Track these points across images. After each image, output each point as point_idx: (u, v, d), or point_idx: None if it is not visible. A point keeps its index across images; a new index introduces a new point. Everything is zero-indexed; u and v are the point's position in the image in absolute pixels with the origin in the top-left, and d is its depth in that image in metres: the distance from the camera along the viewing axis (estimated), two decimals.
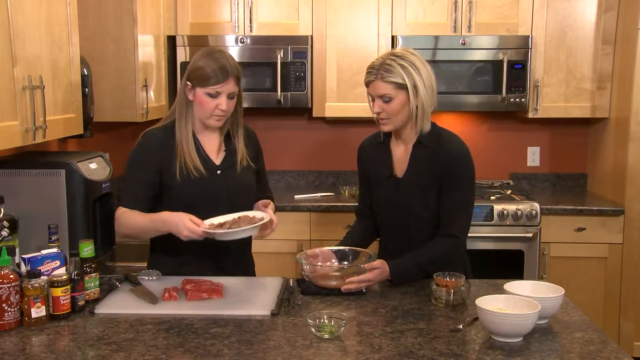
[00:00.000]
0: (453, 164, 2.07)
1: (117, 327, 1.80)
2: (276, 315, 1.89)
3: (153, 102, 3.46)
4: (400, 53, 2.07)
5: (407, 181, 2.13)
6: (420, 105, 2.06)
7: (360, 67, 3.76)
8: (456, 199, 2.09)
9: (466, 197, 2.10)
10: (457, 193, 2.09)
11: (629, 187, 3.51)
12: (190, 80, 2.05)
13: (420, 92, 2.04)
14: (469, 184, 2.10)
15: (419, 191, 2.12)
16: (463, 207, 2.10)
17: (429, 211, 2.13)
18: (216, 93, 2.03)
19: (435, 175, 2.09)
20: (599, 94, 3.74)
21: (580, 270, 3.59)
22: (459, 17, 3.71)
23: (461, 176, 2.09)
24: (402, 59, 2.03)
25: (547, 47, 3.72)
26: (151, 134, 2.13)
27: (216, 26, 3.78)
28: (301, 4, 3.75)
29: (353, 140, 4.14)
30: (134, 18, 3.13)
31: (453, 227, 2.10)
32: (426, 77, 2.06)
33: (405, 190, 2.14)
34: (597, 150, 3.96)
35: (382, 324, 1.85)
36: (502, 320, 1.69)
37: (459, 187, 2.09)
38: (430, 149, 2.10)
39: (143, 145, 2.12)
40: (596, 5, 3.67)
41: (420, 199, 2.12)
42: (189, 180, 2.07)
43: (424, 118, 2.09)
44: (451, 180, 2.07)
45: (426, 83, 2.05)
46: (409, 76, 2.03)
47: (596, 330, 1.81)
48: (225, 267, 2.24)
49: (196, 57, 2.07)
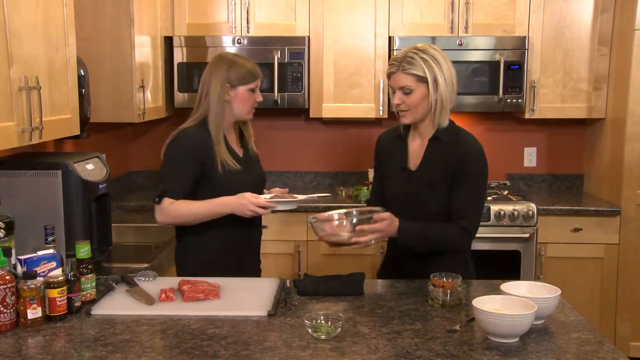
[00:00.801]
0: (466, 160, 2.10)
1: (113, 328, 1.80)
2: (273, 316, 1.89)
3: (150, 103, 3.46)
4: (423, 47, 2.09)
5: (419, 174, 2.15)
6: (440, 100, 2.08)
7: (357, 68, 3.78)
8: (467, 195, 2.10)
9: (477, 194, 2.13)
10: (468, 189, 2.10)
11: (625, 188, 3.52)
12: (231, 82, 2.28)
13: (440, 87, 2.07)
14: (480, 181, 2.13)
15: (430, 185, 2.13)
16: (474, 203, 2.12)
17: (439, 205, 2.13)
18: (255, 87, 2.33)
19: (448, 170, 2.11)
20: (595, 95, 3.75)
21: (577, 270, 3.60)
22: (456, 17, 3.71)
23: (473, 173, 2.11)
24: (425, 53, 2.06)
25: (543, 47, 3.73)
26: (191, 132, 2.30)
27: (213, 27, 3.78)
28: (298, 4, 3.75)
29: (350, 141, 4.16)
30: (131, 19, 3.12)
31: (464, 221, 2.12)
32: (447, 72, 2.08)
33: (417, 184, 2.15)
34: (593, 150, 3.97)
35: (379, 324, 1.85)
36: (498, 320, 1.69)
37: (470, 184, 2.10)
38: (446, 145, 2.12)
39: (185, 143, 2.29)
40: (592, 6, 3.68)
41: (431, 193, 2.13)
42: (228, 172, 2.28)
43: (442, 112, 2.11)
44: (463, 176, 2.09)
45: (447, 78, 2.07)
46: (430, 69, 2.05)
47: (592, 330, 1.82)
48: (245, 264, 2.43)
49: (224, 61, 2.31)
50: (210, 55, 3.75)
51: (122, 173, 4.05)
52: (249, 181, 2.34)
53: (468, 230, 2.12)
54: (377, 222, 2.04)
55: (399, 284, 2.26)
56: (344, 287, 2.11)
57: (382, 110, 3.78)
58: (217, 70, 2.30)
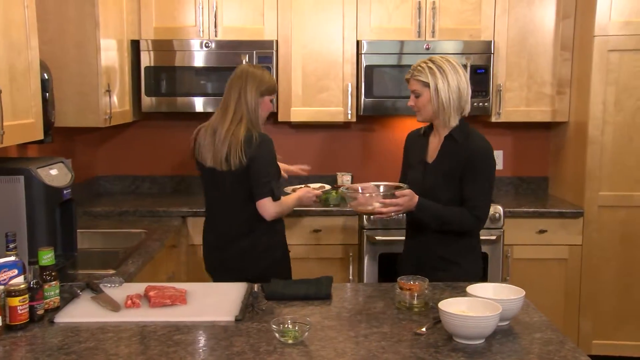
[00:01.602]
0: (474, 157, 2.36)
1: (77, 336, 1.77)
2: (240, 321, 1.89)
3: (116, 108, 3.42)
4: (434, 58, 2.39)
5: (434, 167, 2.43)
6: (441, 104, 2.35)
7: (326, 72, 3.79)
8: (477, 187, 2.36)
9: (485, 186, 2.38)
10: (478, 182, 2.36)
11: (588, 190, 3.59)
12: (263, 92, 2.66)
13: (441, 92, 2.34)
14: (488, 176, 2.39)
15: (442, 176, 2.39)
16: (483, 194, 2.38)
17: (448, 194, 2.38)
18: (274, 98, 2.77)
19: (458, 164, 2.37)
20: (558, 99, 3.82)
21: (542, 271, 3.66)
22: (423, 22, 3.75)
23: (481, 168, 2.36)
24: (432, 63, 2.36)
25: (508, 52, 3.79)
26: (266, 135, 2.66)
27: (181, 30, 3.75)
28: (266, 8, 3.74)
29: (318, 144, 4.16)
30: (96, 22, 3.08)
31: (475, 209, 2.36)
32: (452, 81, 2.34)
33: (432, 175, 2.43)
34: (557, 153, 4.05)
35: (346, 328, 1.86)
36: (463, 322, 1.71)
37: (480, 178, 2.36)
38: (458, 143, 2.38)
39: (272, 144, 2.68)
40: (554, 13, 3.75)
41: (442, 183, 2.39)
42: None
43: (446, 116, 2.37)
44: (473, 171, 2.35)
45: (451, 86, 2.34)
46: (433, 77, 2.34)
47: (555, 330, 1.85)
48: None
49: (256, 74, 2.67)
50: (178, 58, 3.72)
51: (89, 178, 4.00)
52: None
53: (478, 217, 2.37)
54: (398, 198, 2.31)
55: (366, 287, 2.27)
56: (312, 291, 2.11)
57: (350, 114, 3.79)
58: (251, 80, 2.64)
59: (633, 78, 3.51)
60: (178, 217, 3.54)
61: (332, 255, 3.62)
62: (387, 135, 4.19)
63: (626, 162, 3.56)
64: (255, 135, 2.59)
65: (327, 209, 3.60)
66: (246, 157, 2.56)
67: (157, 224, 3.34)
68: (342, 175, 4.00)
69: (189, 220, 3.59)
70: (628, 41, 3.49)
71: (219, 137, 2.61)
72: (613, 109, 3.54)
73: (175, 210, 3.58)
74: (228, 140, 2.58)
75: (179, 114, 4.02)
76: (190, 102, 3.77)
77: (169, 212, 3.56)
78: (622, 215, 3.59)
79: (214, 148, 2.62)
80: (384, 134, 4.19)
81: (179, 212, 3.58)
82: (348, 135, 4.19)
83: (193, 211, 3.58)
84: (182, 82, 3.76)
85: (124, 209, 3.58)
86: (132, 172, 4.19)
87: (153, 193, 4.17)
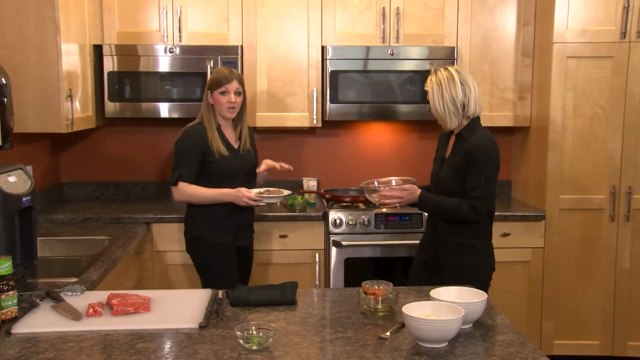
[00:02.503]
0: (472, 151, 2.64)
1: (36, 346, 1.73)
2: (204, 327, 1.87)
3: (79, 113, 3.37)
4: (439, 71, 2.74)
5: (447, 161, 2.77)
6: (436, 111, 2.74)
7: (291, 77, 3.80)
8: (475, 180, 2.62)
9: (484, 179, 2.63)
10: (474, 175, 2.63)
11: (549, 194, 3.66)
12: (209, 88, 2.98)
13: (435, 102, 2.72)
14: (486, 170, 2.64)
15: (452, 169, 2.70)
16: (480, 186, 2.63)
17: (455, 185, 2.68)
18: (226, 90, 2.95)
19: (463, 159, 2.66)
20: (520, 104, 3.89)
21: (507, 274, 3.71)
22: (387, 28, 3.78)
23: (477, 162, 2.63)
24: (434, 75, 2.74)
25: (471, 58, 3.85)
26: (193, 128, 2.99)
27: (144, 35, 3.72)
28: (231, 13, 3.74)
29: (284, 149, 4.16)
30: (57, 26, 3.03)
31: (473, 200, 2.62)
32: (446, 91, 2.68)
33: (445, 167, 2.76)
34: (520, 158, 4.12)
35: (311, 333, 1.86)
36: (426, 326, 1.73)
37: (478, 171, 2.62)
38: (464, 140, 2.69)
39: (190, 136, 2.97)
40: (515, 20, 3.83)
41: (452, 176, 2.70)
42: (222, 158, 2.95)
43: (443, 119, 2.73)
44: (471, 165, 2.63)
45: (445, 95, 2.69)
46: (430, 87, 2.74)
47: (516, 332, 1.88)
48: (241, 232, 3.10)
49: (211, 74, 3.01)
50: (143, 64, 3.69)
51: (51, 185, 3.93)
52: (240, 168, 3.03)
53: (474, 207, 2.62)
54: (400, 191, 2.71)
55: (332, 292, 2.27)
56: (277, 297, 2.11)
57: (315, 119, 3.80)
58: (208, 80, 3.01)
59: (590, 84, 3.60)
60: (143, 224, 3.50)
61: (299, 260, 3.62)
62: (353, 140, 4.21)
63: (585, 166, 3.65)
64: (182, 128, 3.01)
65: (293, 214, 3.60)
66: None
67: (121, 230, 3.30)
68: (307, 180, 4.00)
69: (154, 226, 3.55)
70: (585, 48, 3.58)
71: None
72: (572, 114, 3.62)
73: (140, 216, 3.54)
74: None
75: (143, 120, 3.98)
76: (155, 107, 3.73)
77: (133, 219, 3.52)
78: (582, 218, 3.67)
79: None
80: (350, 139, 4.21)
81: (144, 218, 3.54)
82: (314, 141, 4.20)
83: (158, 217, 3.55)
84: (147, 88, 3.72)
85: (87, 215, 3.53)
86: (96, 179, 4.13)
87: (117, 199, 4.12)
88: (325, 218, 3.57)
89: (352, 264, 3.55)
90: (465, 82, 2.71)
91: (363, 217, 3.54)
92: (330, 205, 3.71)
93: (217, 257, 3.01)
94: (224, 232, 3.02)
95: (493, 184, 2.68)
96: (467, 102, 2.70)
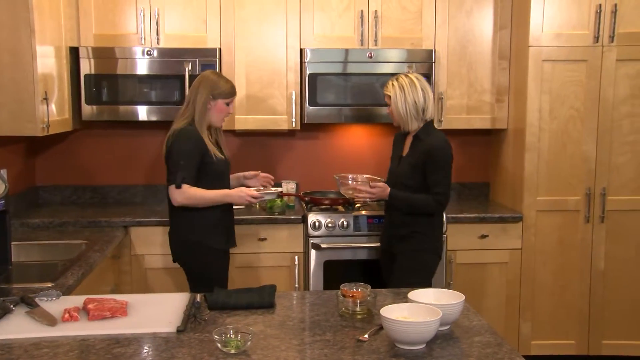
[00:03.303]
0: (432, 151, 2.94)
1: (9, 353, 1.71)
2: (182, 331, 1.86)
3: (55, 116, 3.33)
4: (400, 76, 3.02)
5: (405, 159, 3.06)
6: (399, 114, 3.00)
7: (270, 80, 3.79)
8: (436, 177, 2.95)
9: (444, 175, 2.96)
10: (436, 172, 2.95)
11: (526, 195, 3.70)
12: (214, 95, 2.94)
13: (399, 105, 2.98)
14: (444, 166, 2.97)
15: (410, 166, 3.01)
16: (442, 182, 2.95)
17: (411, 180, 3.00)
18: (231, 102, 3.02)
19: (420, 157, 2.97)
20: (497, 107, 3.93)
21: (485, 275, 3.75)
22: (366, 30, 3.80)
23: (438, 160, 2.95)
24: (396, 80, 3.01)
25: (449, 60, 3.87)
26: (190, 130, 2.91)
27: (122, 38, 3.69)
28: (209, 16, 3.72)
29: (263, 152, 4.15)
30: (32, 28, 3.00)
31: (437, 194, 2.94)
32: (409, 95, 2.96)
33: (403, 165, 3.06)
34: (497, 160, 4.16)
35: (289, 336, 1.86)
36: (404, 328, 1.74)
37: (438, 169, 2.95)
38: (421, 141, 2.99)
39: (190, 138, 2.90)
40: (492, 23, 3.87)
41: (409, 172, 3.01)
42: (217, 161, 2.95)
43: (405, 121, 3.01)
44: (432, 164, 2.94)
45: (407, 100, 2.97)
46: (393, 91, 2.99)
47: (493, 333, 1.90)
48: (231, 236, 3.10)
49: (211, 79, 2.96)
50: (120, 66, 3.66)
51: (27, 188, 3.88)
52: (227, 169, 3.08)
53: (440, 201, 2.96)
54: (372, 188, 3.01)
55: (310, 295, 2.27)
56: (255, 300, 2.10)
57: (294, 122, 3.80)
58: (204, 83, 2.94)
59: (565, 87, 3.65)
60: (121, 228, 3.48)
61: (278, 263, 3.62)
62: (331, 142, 4.22)
63: (561, 167, 3.69)
64: (176, 130, 2.91)
65: (272, 217, 3.59)
66: (166, 148, 2.91)
67: (98, 234, 3.27)
68: (286, 183, 4.00)
69: (132, 230, 3.53)
70: (559, 52, 3.62)
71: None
72: (548, 116, 3.66)
73: (117, 220, 3.51)
74: (168, 134, 2.94)
75: (121, 123, 3.95)
76: (133, 110, 3.71)
77: (111, 223, 3.49)
78: (558, 219, 3.72)
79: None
80: (328, 142, 4.22)
81: (122, 222, 3.51)
82: (292, 143, 4.20)
83: (136, 221, 3.52)
84: (124, 90, 3.69)
85: (63, 219, 3.49)
86: (73, 182, 4.09)
87: (95, 203, 4.08)
88: (305, 221, 3.57)
89: (331, 266, 3.56)
90: (425, 89, 2.99)
91: (342, 220, 3.55)
92: (309, 208, 3.71)
93: (215, 261, 2.97)
94: (219, 236, 2.99)
95: (450, 180, 3.00)
96: (426, 107, 2.98)
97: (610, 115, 3.66)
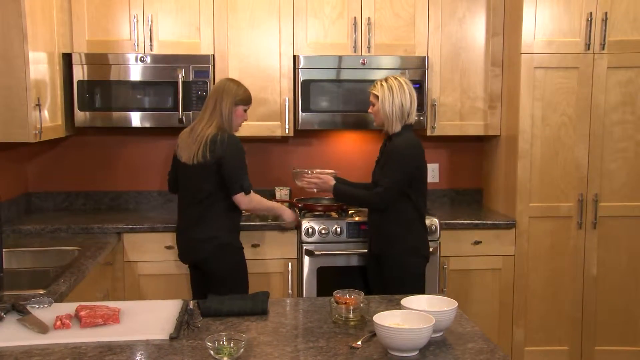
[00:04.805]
0: (391, 150, 3.03)
1: None
2: (175, 339, 1.86)
3: (48, 122, 3.32)
4: (389, 77, 3.07)
5: (379, 160, 3.18)
6: (386, 114, 3.03)
7: (263, 86, 3.80)
8: (385, 171, 3.01)
9: (392, 170, 3.00)
10: (386, 168, 3.01)
11: (519, 202, 3.72)
12: (239, 102, 3.10)
13: (386, 106, 3.02)
14: (396, 164, 3.00)
15: (380, 168, 3.10)
16: (388, 176, 2.99)
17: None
18: (247, 108, 3.18)
19: (386, 158, 3.06)
20: (490, 113, 3.95)
21: (478, 282, 3.75)
22: (359, 37, 3.81)
23: (393, 158, 3.01)
24: (385, 81, 3.04)
25: (442, 67, 3.89)
26: (237, 137, 3.07)
27: (115, 44, 3.69)
28: (203, 22, 3.73)
29: (256, 158, 4.14)
30: (24, 34, 2.99)
31: (379, 189, 3.01)
32: (397, 97, 3.01)
33: (376, 167, 3.17)
34: (490, 166, 4.17)
35: (282, 343, 1.85)
36: (397, 335, 1.74)
37: (389, 164, 3.01)
38: (392, 142, 3.05)
39: (240, 144, 3.06)
40: (484, 30, 3.89)
41: (379, 174, 3.08)
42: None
43: (390, 123, 3.05)
44: (387, 161, 3.03)
45: (395, 101, 3.01)
46: (382, 91, 3.03)
47: (486, 340, 1.90)
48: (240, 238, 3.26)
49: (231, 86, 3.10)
50: (114, 72, 3.65)
51: (19, 195, 3.86)
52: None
53: (378, 193, 3.01)
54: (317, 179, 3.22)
55: (303, 302, 2.27)
56: (248, 307, 2.10)
57: (287, 128, 3.81)
58: (227, 91, 3.07)
59: (556, 94, 3.67)
60: (113, 234, 3.47)
61: (271, 269, 3.62)
62: (325, 149, 4.22)
63: (553, 174, 3.71)
64: (221, 136, 2.99)
65: (266, 223, 3.59)
66: (210, 155, 2.96)
67: (91, 240, 3.26)
68: (280, 189, 4.00)
69: (125, 236, 3.51)
70: (551, 59, 3.65)
71: (193, 135, 3.03)
72: (540, 123, 3.68)
73: (110, 226, 3.50)
74: (199, 138, 2.99)
75: (114, 129, 3.94)
76: (126, 116, 3.70)
77: (104, 229, 3.48)
78: (551, 225, 3.73)
79: (188, 145, 3.04)
80: (322, 148, 4.22)
81: (115, 228, 3.50)
82: (286, 150, 4.20)
83: (129, 227, 3.51)
84: (118, 97, 3.69)
85: (56, 226, 3.47)
86: (66, 188, 4.08)
87: (87, 209, 4.06)
88: (298, 227, 3.57)
89: (325, 273, 3.55)
90: (412, 94, 3.04)
91: (335, 227, 3.55)
92: (302, 214, 3.71)
93: (243, 261, 3.19)
94: (239, 238, 3.23)
95: (404, 178, 2.99)
96: (411, 111, 3.05)
97: (601, 122, 3.68)
